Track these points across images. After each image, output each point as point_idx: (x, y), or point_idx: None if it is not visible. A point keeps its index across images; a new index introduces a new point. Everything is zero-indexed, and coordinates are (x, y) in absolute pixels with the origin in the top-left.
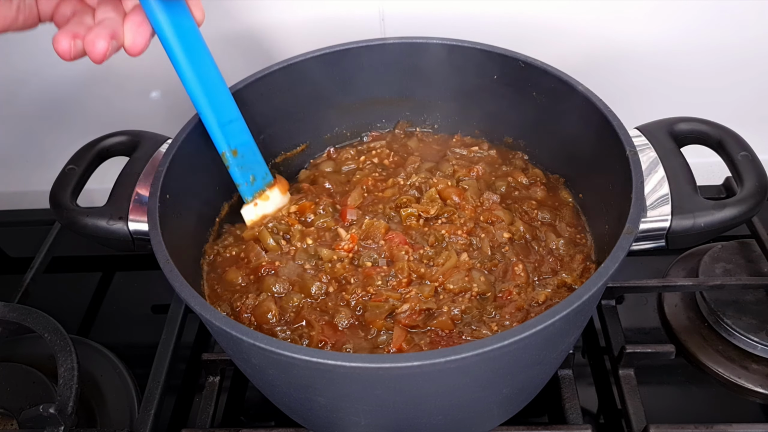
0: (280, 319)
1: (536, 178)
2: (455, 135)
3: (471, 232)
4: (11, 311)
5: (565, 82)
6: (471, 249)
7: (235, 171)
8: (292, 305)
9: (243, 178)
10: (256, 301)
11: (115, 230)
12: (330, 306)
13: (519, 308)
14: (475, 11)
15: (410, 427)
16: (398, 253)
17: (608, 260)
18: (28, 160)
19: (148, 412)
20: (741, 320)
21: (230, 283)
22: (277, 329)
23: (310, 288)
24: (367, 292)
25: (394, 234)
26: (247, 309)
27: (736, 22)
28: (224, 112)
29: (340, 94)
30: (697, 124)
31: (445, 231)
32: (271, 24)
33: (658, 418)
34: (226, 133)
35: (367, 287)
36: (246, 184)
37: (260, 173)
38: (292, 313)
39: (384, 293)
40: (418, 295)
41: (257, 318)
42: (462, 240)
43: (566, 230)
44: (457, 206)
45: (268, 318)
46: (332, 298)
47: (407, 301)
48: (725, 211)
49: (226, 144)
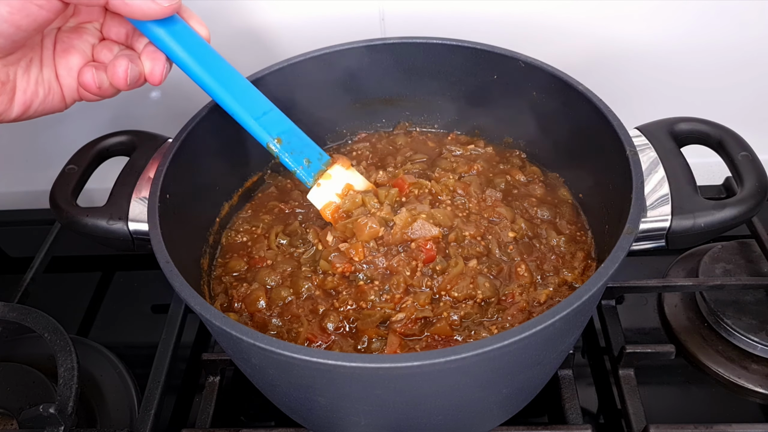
0: (270, 309)
1: (534, 176)
2: (450, 134)
3: (486, 232)
4: (11, 311)
5: (565, 82)
6: (481, 254)
7: (285, 159)
8: (281, 300)
9: (296, 163)
10: (248, 290)
11: (115, 230)
12: (319, 308)
13: (521, 310)
14: (475, 11)
15: (410, 427)
16: (406, 268)
17: (608, 260)
18: (28, 160)
19: (148, 412)
20: (741, 320)
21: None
22: (267, 315)
23: (300, 288)
24: (360, 307)
25: (423, 242)
26: (239, 297)
27: (737, 22)
28: (255, 107)
29: (340, 94)
30: (698, 124)
31: (468, 234)
32: (270, 24)
33: (658, 418)
34: (263, 125)
35: (360, 302)
36: (301, 168)
37: (313, 155)
38: (279, 307)
39: (378, 305)
40: (414, 304)
41: (247, 306)
42: (479, 248)
43: (567, 228)
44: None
45: (258, 307)
46: (321, 302)
47: (403, 311)
48: (725, 211)
49: (268, 135)
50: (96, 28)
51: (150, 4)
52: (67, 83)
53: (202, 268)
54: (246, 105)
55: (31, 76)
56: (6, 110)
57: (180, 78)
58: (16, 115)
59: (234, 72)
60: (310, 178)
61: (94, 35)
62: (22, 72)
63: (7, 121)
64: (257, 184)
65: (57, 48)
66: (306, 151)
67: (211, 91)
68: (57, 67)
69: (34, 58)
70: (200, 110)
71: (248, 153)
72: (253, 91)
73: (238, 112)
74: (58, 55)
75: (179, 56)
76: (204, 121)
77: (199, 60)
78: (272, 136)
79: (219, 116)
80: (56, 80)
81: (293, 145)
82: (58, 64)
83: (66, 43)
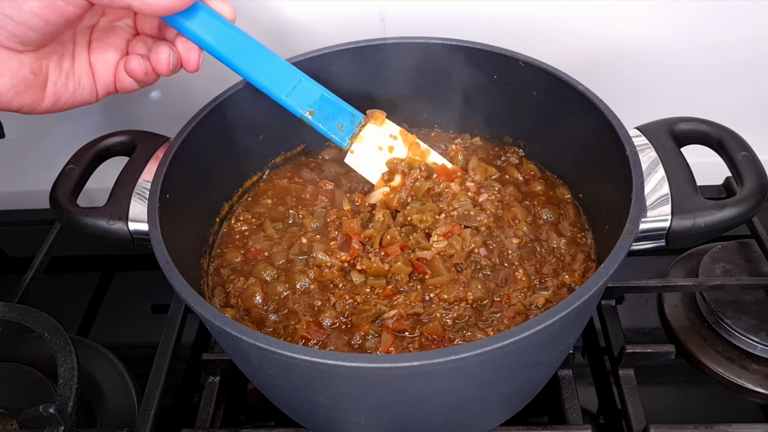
0: (267, 304)
1: (531, 173)
2: (433, 132)
3: (495, 228)
4: (11, 311)
5: (565, 82)
6: (485, 267)
7: (320, 127)
8: (277, 295)
9: (331, 129)
10: (245, 285)
11: (115, 230)
12: (315, 303)
13: (518, 312)
14: (475, 11)
15: (410, 427)
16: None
17: (608, 260)
18: (28, 160)
19: (148, 412)
20: (741, 320)
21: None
22: (264, 311)
23: (295, 282)
24: (354, 300)
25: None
26: (236, 293)
27: (737, 23)
28: (285, 81)
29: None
30: (698, 124)
31: (474, 245)
32: (270, 24)
33: (658, 418)
34: (295, 98)
35: (355, 296)
36: (335, 135)
37: (346, 118)
38: (276, 302)
39: (372, 300)
40: (406, 301)
41: (244, 302)
42: (486, 262)
43: (568, 229)
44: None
45: (255, 302)
46: (317, 297)
47: (395, 307)
48: (725, 211)
49: (300, 107)
50: (128, 24)
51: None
52: (103, 77)
53: (202, 268)
54: (276, 82)
55: (62, 69)
56: (38, 101)
57: (180, 78)
58: (46, 107)
59: (261, 48)
60: (344, 142)
61: (128, 32)
62: (54, 65)
63: (37, 112)
64: (257, 184)
65: (93, 45)
66: (338, 116)
67: (242, 72)
68: (93, 62)
69: (65, 53)
70: (200, 110)
71: (248, 153)
72: (281, 64)
73: (270, 90)
74: (94, 51)
75: (208, 42)
76: (204, 121)
77: (226, 44)
78: (304, 109)
79: (219, 116)
80: (90, 74)
81: (325, 113)
82: (95, 60)
83: (102, 41)
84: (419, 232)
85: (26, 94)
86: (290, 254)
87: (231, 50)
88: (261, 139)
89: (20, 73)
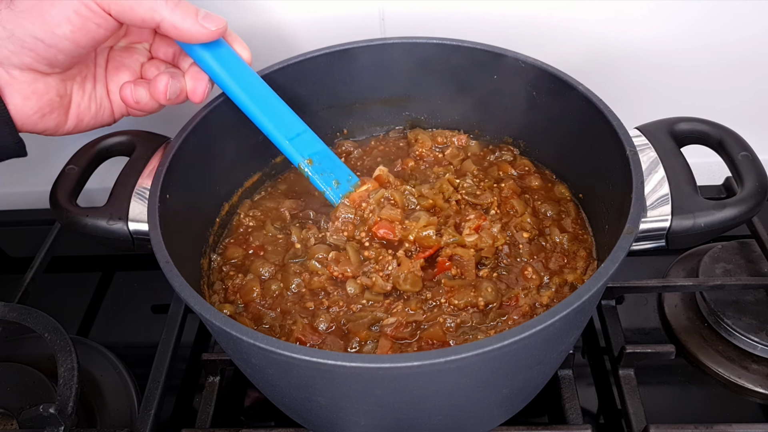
0: (264, 299)
1: (525, 168)
2: (433, 131)
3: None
4: (11, 311)
5: (565, 82)
6: (498, 266)
7: (315, 179)
8: (272, 293)
9: (326, 183)
10: (243, 281)
11: (115, 230)
12: (308, 306)
13: (524, 314)
14: (475, 11)
15: (410, 427)
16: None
17: (608, 260)
18: (28, 160)
19: (148, 412)
20: (741, 320)
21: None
22: (262, 307)
23: (290, 282)
24: (350, 309)
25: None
26: (234, 289)
27: (737, 23)
28: (290, 128)
29: (340, 94)
30: (698, 124)
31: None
32: (270, 24)
33: (658, 418)
34: (296, 146)
35: (351, 305)
36: (330, 189)
37: (343, 177)
38: (272, 298)
39: (368, 308)
40: (405, 309)
41: (242, 296)
42: (507, 260)
43: (570, 226)
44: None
45: (253, 297)
46: (309, 300)
47: (394, 315)
48: (725, 211)
49: (300, 155)
50: (145, 48)
51: (198, 27)
52: (116, 99)
53: (202, 268)
54: (281, 126)
55: (85, 91)
56: (61, 123)
57: None
58: (68, 129)
59: (271, 93)
60: (337, 199)
61: (144, 54)
62: (78, 87)
63: (60, 134)
64: (257, 184)
65: (109, 66)
66: (336, 172)
67: (249, 111)
68: (108, 83)
69: (88, 75)
70: (200, 110)
71: (248, 153)
72: (288, 113)
73: (272, 133)
74: (110, 73)
75: (221, 78)
76: (204, 121)
77: (239, 82)
78: (304, 157)
79: (219, 116)
80: (107, 96)
81: (324, 166)
82: (110, 81)
83: (117, 61)
84: (450, 227)
85: (51, 116)
86: (286, 258)
87: (241, 88)
88: (261, 139)
89: (47, 96)
